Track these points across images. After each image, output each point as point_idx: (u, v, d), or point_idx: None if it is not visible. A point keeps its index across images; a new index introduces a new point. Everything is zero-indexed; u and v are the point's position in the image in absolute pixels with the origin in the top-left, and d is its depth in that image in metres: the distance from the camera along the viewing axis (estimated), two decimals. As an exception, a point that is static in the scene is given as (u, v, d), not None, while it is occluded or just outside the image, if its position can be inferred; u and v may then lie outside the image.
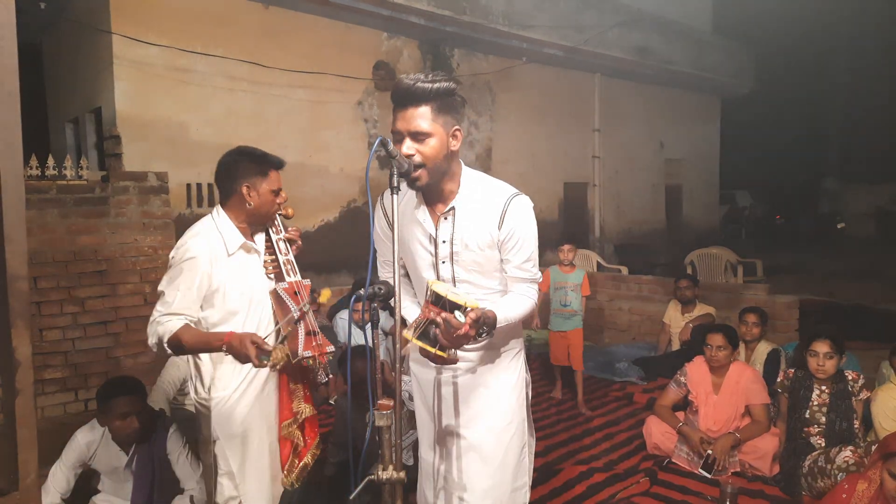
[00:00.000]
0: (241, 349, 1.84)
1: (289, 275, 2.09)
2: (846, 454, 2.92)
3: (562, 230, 9.62)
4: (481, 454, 1.96)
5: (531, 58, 9.10)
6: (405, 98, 1.75)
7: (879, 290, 8.61)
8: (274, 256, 2.17)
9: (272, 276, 2.17)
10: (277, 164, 2.18)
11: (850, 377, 3.29)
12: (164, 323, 1.96)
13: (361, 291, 1.64)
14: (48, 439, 3.20)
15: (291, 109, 6.80)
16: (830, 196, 21.96)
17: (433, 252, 1.92)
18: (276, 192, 2.15)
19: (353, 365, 1.81)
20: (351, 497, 1.51)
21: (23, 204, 0.99)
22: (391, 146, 1.60)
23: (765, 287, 5.81)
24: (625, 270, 7.70)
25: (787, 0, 20.43)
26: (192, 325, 2.01)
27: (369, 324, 1.62)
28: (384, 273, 2.12)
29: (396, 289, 1.55)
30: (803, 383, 3.34)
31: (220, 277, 2.05)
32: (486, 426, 1.97)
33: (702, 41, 11.87)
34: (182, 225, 5.73)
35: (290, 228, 2.27)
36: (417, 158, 1.75)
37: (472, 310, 1.64)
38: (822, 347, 3.26)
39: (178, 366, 3.83)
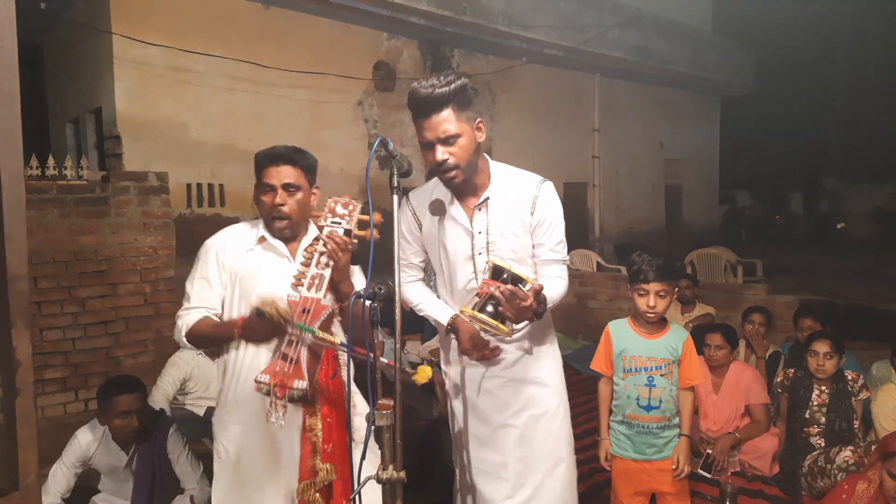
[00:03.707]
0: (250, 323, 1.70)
1: (308, 289, 1.80)
2: (846, 454, 2.92)
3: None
4: (535, 441, 2.06)
5: (531, 58, 9.10)
6: (425, 107, 1.79)
7: (879, 290, 8.61)
8: (308, 268, 1.89)
9: (298, 287, 1.88)
10: (273, 159, 1.91)
11: (849, 377, 3.29)
12: (183, 316, 1.89)
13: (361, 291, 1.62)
14: (48, 439, 3.20)
15: (291, 109, 6.80)
16: (830, 196, 21.96)
17: (470, 244, 1.98)
18: (266, 189, 1.90)
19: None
20: (351, 497, 1.51)
21: (23, 204, 0.99)
22: (391, 146, 1.60)
23: (765, 287, 5.81)
24: (625, 270, 7.69)
25: (787, 0, 20.43)
26: (215, 317, 1.90)
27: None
28: (409, 277, 2.14)
29: (397, 288, 1.55)
30: (803, 383, 3.34)
31: (236, 271, 1.93)
32: (537, 413, 2.07)
33: (702, 41, 11.87)
34: (182, 225, 5.81)
35: (326, 237, 1.79)
36: (451, 161, 1.82)
37: (532, 284, 1.71)
38: (822, 347, 3.26)
39: (179, 366, 3.84)
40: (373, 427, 1.48)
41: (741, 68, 13.00)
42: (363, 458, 1.57)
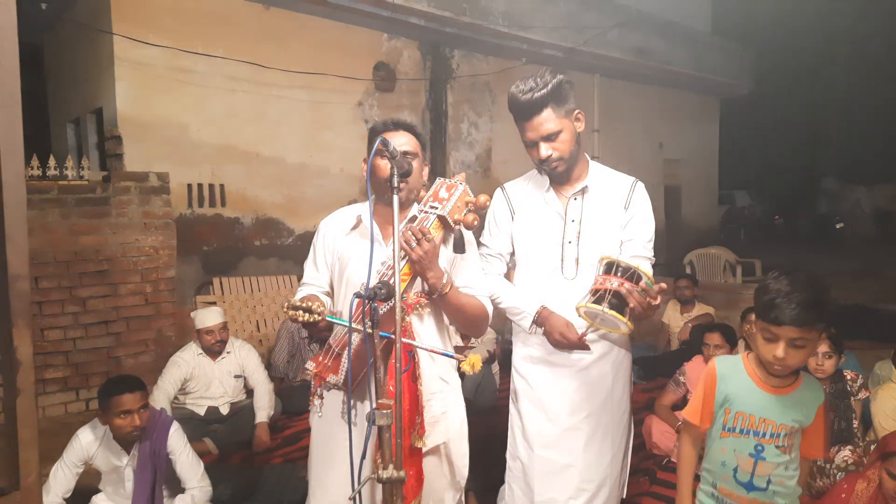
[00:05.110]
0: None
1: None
2: (845, 454, 2.93)
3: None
4: (603, 445, 2.09)
5: (531, 59, 9.09)
6: (526, 110, 1.92)
7: (879, 290, 8.61)
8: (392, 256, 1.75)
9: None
10: (392, 126, 1.86)
11: (848, 377, 3.30)
12: (296, 295, 1.85)
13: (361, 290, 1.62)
14: (49, 439, 3.21)
15: (292, 110, 6.80)
16: (830, 196, 21.95)
17: (562, 231, 2.02)
18: (385, 152, 1.63)
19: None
20: (350, 497, 1.51)
21: (24, 204, 1.00)
22: (391, 146, 1.60)
23: (764, 287, 5.82)
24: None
25: (786, 1, 20.42)
26: (323, 295, 1.88)
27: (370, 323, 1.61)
28: (491, 269, 2.12)
29: (397, 287, 1.55)
30: (803, 383, 3.34)
31: (336, 250, 1.92)
32: (606, 419, 2.09)
33: (701, 42, 11.86)
34: (183, 225, 5.81)
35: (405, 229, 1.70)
36: (555, 155, 1.94)
37: (653, 281, 1.71)
38: (821, 347, 3.26)
39: (179, 365, 3.84)
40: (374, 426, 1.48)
41: (741, 69, 12.99)
42: (363, 457, 1.57)
